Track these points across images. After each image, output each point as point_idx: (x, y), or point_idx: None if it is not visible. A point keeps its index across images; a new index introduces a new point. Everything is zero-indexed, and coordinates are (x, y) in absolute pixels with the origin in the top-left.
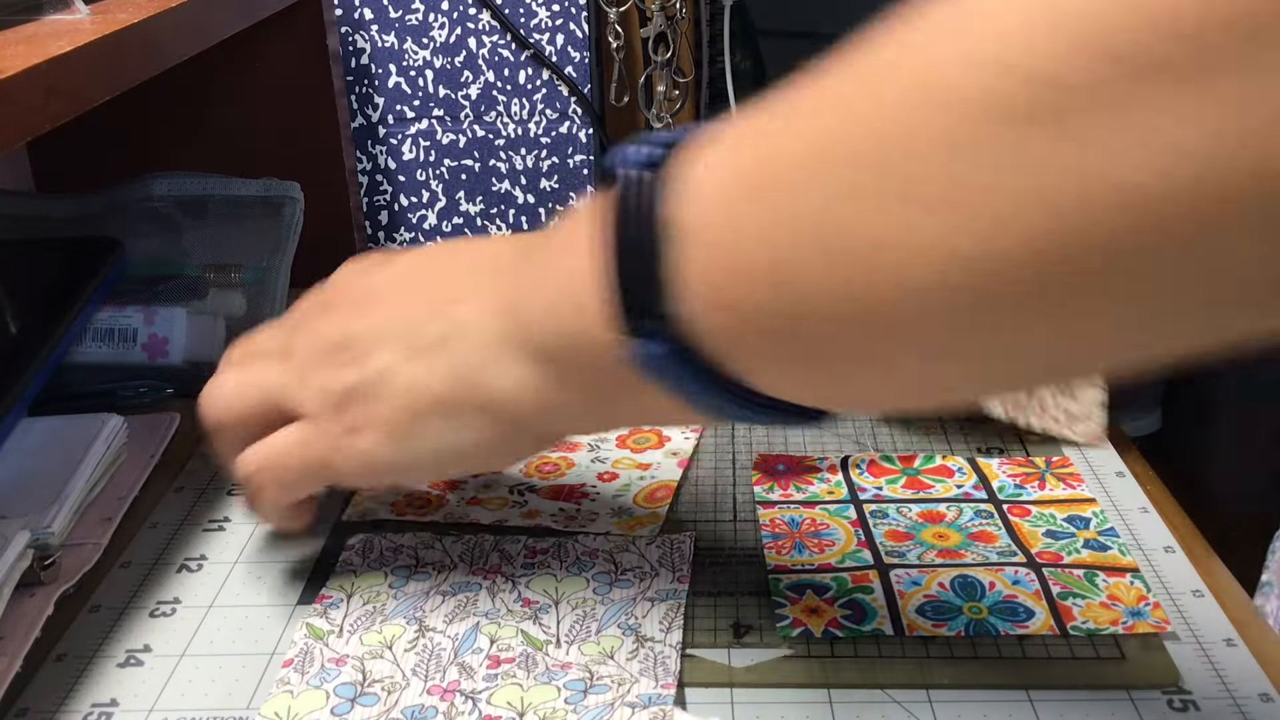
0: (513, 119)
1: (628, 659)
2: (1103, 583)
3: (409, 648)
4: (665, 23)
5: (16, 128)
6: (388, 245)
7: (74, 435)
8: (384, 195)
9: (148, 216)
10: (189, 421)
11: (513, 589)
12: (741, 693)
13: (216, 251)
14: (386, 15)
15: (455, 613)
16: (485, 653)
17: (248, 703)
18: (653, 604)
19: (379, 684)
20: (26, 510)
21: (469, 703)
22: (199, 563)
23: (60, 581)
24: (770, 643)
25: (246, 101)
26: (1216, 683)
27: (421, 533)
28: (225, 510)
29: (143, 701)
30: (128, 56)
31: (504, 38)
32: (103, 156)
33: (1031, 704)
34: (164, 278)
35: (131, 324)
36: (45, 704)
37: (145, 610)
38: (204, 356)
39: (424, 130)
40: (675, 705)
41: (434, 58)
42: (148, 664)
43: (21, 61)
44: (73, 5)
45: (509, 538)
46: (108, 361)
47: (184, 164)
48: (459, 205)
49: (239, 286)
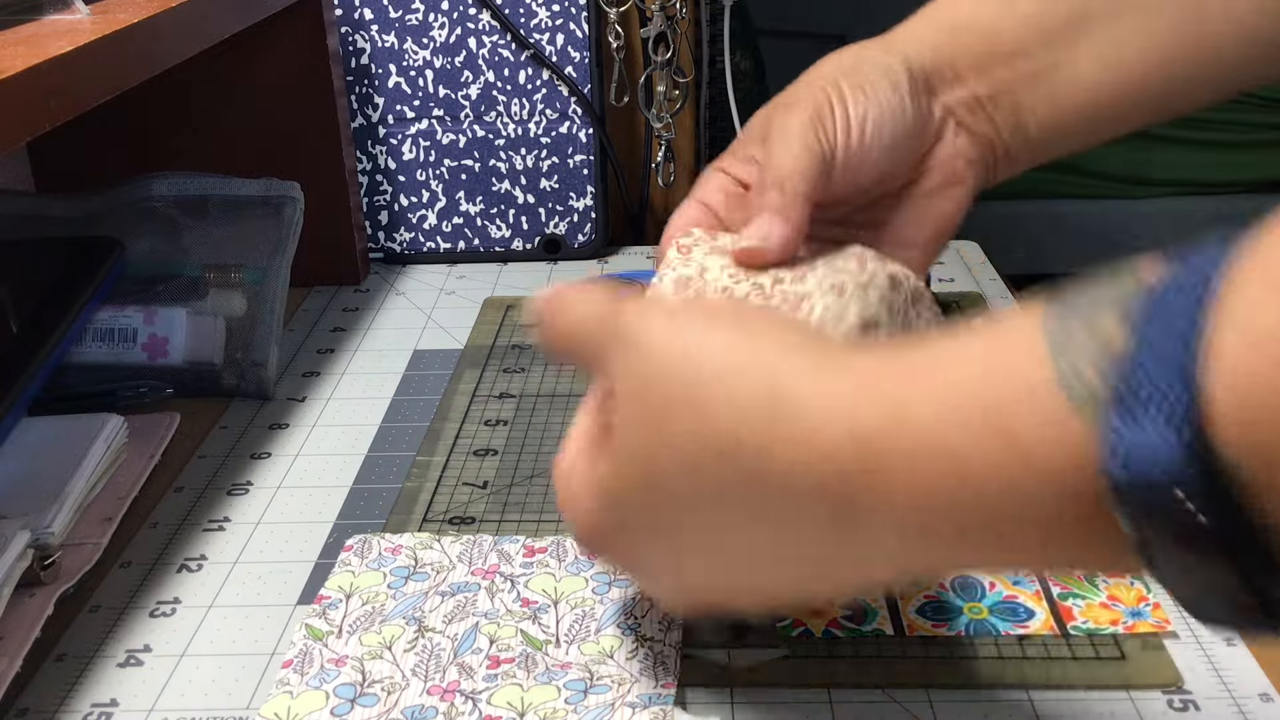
0: (513, 119)
1: (627, 659)
2: (1103, 583)
3: (408, 648)
4: (665, 23)
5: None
6: (388, 245)
7: (74, 435)
8: (384, 195)
9: (148, 216)
10: (189, 421)
11: (512, 589)
12: (741, 693)
13: (216, 251)
14: (386, 15)
15: (454, 613)
16: (485, 653)
17: (248, 703)
18: (652, 604)
19: (379, 684)
20: (26, 510)
21: (469, 703)
22: (199, 563)
23: (60, 581)
24: (770, 643)
25: (246, 101)
26: (1216, 683)
27: (420, 533)
28: (225, 510)
29: (143, 701)
30: (128, 56)
31: (504, 38)
32: (103, 156)
33: (1031, 704)
34: (164, 278)
35: (131, 324)
36: (45, 704)
37: (145, 610)
38: (204, 356)
39: (424, 130)
40: (675, 705)
41: (434, 58)
42: (148, 664)
43: (21, 61)
44: (73, 5)
45: (507, 537)
46: (108, 361)
47: (184, 164)
48: (459, 205)
49: (239, 286)
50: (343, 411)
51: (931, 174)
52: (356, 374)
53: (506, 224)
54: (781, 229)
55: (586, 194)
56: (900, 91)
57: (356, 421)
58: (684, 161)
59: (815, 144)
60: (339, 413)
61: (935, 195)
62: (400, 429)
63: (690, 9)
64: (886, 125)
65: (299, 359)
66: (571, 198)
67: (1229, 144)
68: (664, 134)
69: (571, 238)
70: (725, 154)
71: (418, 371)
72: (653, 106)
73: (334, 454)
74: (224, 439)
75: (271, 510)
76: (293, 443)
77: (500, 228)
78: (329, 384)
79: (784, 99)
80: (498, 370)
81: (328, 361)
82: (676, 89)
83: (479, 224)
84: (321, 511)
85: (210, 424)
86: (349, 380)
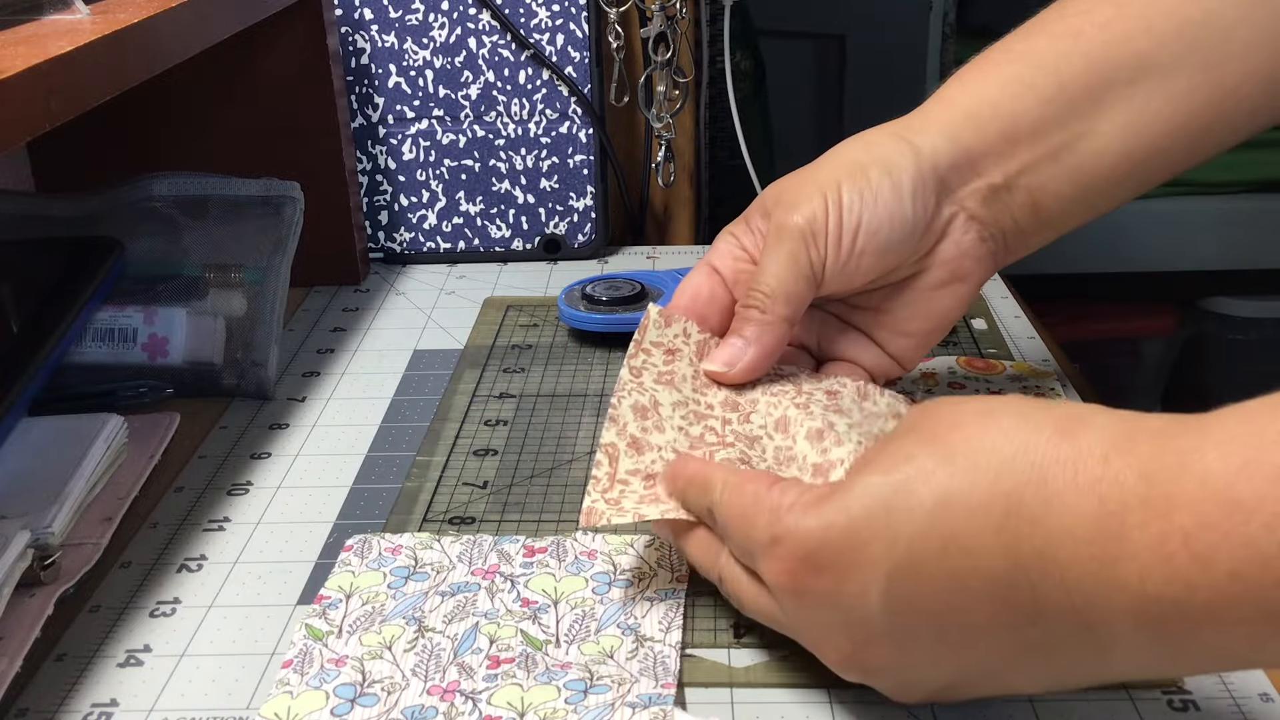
0: (513, 119)
1: (627, 659)
2: None
3: (408, 648)
4: (665, 23)
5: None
6: (388, 245)
7: (74, 435)
8: (384, 195)
9: (148, 216)
10: (189, 421)
11: (511, 589)
12: (741, 693)
13: (216, 251)
14: (386, 15)
15: (454, 613)
16: (485, 653)
17: (248, 703)
18: (652, 604)
19: (379, 684)
20: (26, 510)
21: (469, 703)
22: (199, 563)
23: (60, 581)
24: (770, 643)
25: (246, 101)
26: (1216, 683)
27: (420, 533)
28: (225, 510)
29: (143, 701)
30: (128, 56)
31: (504, 38)
32: (103, 156)
33: (1031, 704)
34: (164, 278)
35: (131, 324)
36: (45, 704)
37: (145, 610)
38: (204, 356)
39: (424, 130)
40: (675, 705)
41: (434, 58)
42: (148, 664)
43: (21, 61)
44: (73, 5)
45: (507, 537)
46: (108, 361)
47: (184, 164)
48: (459, 205)
49: (239, 286)
50: (343, 411)
51: (935, 270)
52: (356, 374)
53: (506, 224)
54: (751, 360)
55: (586, 194)
56: (901, 195)
57: (356, 421)
58: (684, 161)
59: (805, 263)
60: (339, 413)
61: (938, 290)
62: (400, 429)
63: (690, 9)
64: (882, 231)
65: (299, 359)
66: (571, 198)
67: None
68: (664, 134)
69: (571, 238)
70: (739, 219)
71: (418, 371)
72: (653, 106)
73: (334, 454)
74: (224, 439)
75: (271, 510)
76: (293, 443)
77: (500, 228)
78: (329, 384)
79: (789, 194)
80: (498, 370)
81: (328, 361)
82: (676, 89)
83: (479, 224)
84: (321, 511)
85: (210, 424)
86: (349, 380)
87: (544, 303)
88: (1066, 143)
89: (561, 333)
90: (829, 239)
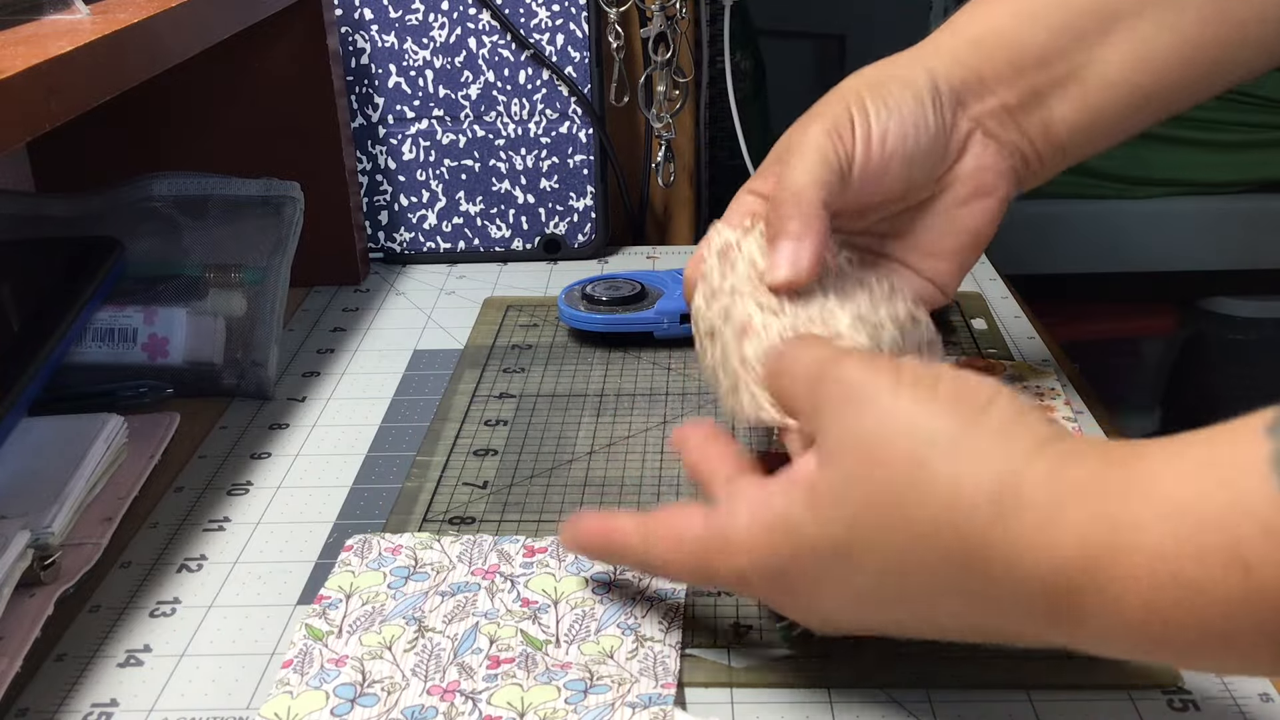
0: (513, 119)
1: (627, 659)
2: None
3: (408, 648)
4: (665, 23)
5: (16, 128)
6: (388, 245)
7: (74, 435)
8: (384, 195)
9: (148, 216)
10: (189, 421)
11: (511, 589)
12: (741, 693)
13: (216, 251)
14: (386, 15)
15: (454, 613)
16: (485, 653)
17: (247, 703)
18: (652, 604)
19: (379, 684)
20: (26, 510)
21: (469, 703)
22: (199, 563)
23: (60, 581)
24: (770, 643)
25: (246, 101)
26: (1216, 683)
27: (420, 533)
28: (225, 510)
29: (142, 701)
30: (128, 56)
31: (504, 38)
32: (103, 156)
33: (1031, 704)
34: (164, 278)
35: (131, 324)
36: (45, 704)
37: (145, 610)
38: (204, 356)
39: (424, 130)
40: (675, 705)
41: (434, 58)
42: (148, 664)
43: (21, 61)
44: (73, 5)
45: (507, 537)
46: (108, 361)
47: (184, 164)
48: (459, 205)
49: (239, 286)
50: (343, 411)
51: (959, 186)
52: (356, 374)
53: (506, 224)
54: (809, 257)
55: (586, 194)
56: (924, 104)
57: (356, 421)
58: (684, 161)
59: (832, 155)
60: (339, 413)
61: (964, 206)
62: (400, 429)
63: (690, 9)
64: (909, 137)
65: (299, 359)
66: (571, 198)
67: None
68: (664, 134)
69: (571, 238)
70: (755, 175)
71: (418, 371)
72: (653, 106)
73: (334, 454)
74: (224, 439)
75: (271, 510)
76: (293, 443)
77: (500, 228)
78: (329, 384)
79: (807, 114)
80: (498, 370)
81: (328, 361)
82: (676, 89)
83: (479, 224)
84: (321, 511)
85: (210, 424)
86: (349, 380)
87: (544, 303)
88: (1073, 71)
89: (561, 333)
90: (857, 137)
